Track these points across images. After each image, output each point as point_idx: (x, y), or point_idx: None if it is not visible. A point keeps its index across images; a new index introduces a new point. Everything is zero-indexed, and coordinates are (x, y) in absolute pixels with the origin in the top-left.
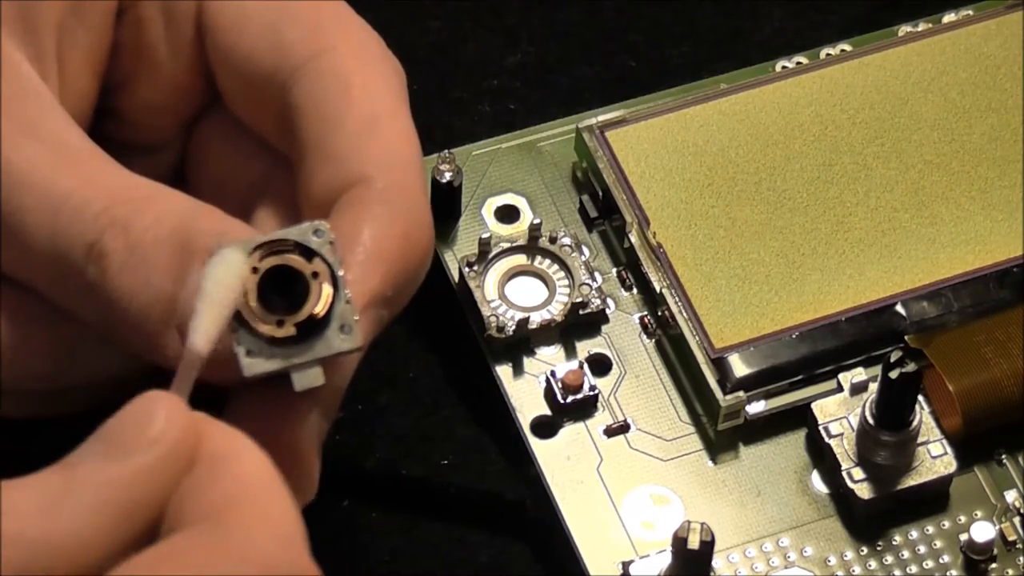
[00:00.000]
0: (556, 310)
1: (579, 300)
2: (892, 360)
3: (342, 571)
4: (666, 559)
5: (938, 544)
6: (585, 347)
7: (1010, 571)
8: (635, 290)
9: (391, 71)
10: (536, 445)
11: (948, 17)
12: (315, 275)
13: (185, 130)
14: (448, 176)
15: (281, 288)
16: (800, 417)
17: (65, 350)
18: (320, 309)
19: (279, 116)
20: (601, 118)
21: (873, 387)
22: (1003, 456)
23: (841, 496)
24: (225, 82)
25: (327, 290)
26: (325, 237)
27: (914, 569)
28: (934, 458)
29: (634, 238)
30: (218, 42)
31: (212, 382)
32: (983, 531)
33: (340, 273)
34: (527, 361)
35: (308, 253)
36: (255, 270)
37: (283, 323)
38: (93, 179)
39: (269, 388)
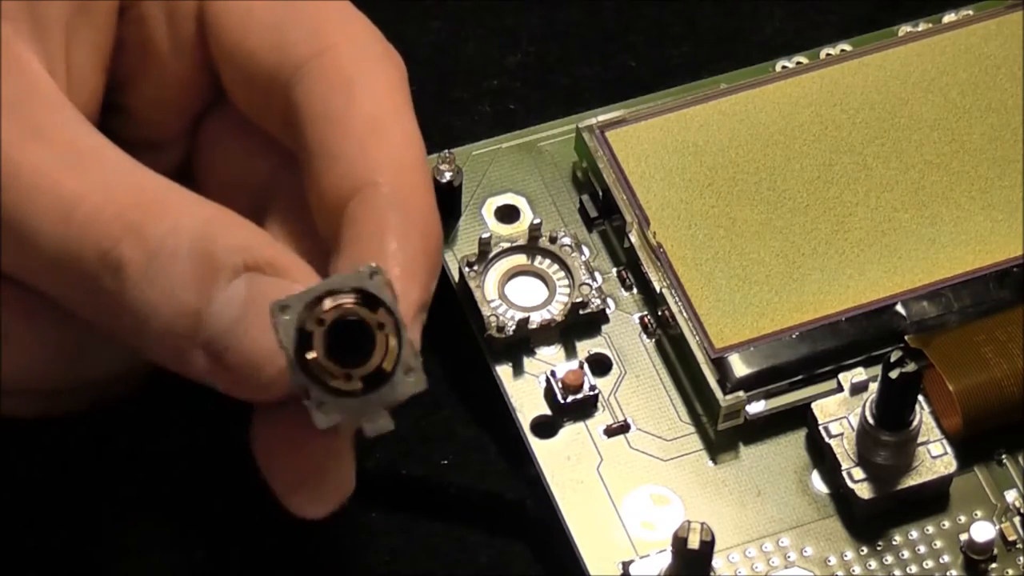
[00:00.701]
0: (556, 310)
1: (579, 300)
2: (892, 360)
3: (342, 571)
4: (666, 559)
5: (938, 544)
6: (585, 347)
7: (1010, 571)
8: (635, 290)
9: (393, 69)
10: (536, 445)
11: (948, 17)
12: (380, 326)
13: (191, 127)
14: (448, 176)
15: (345, 337)
16: (800, 417)
17: (70, 349)
18: (388, 364)
19: (283, 114)
20: (601, 118)
21: (873, 387)
22: (1003, 456)
23: (841, 496)
24: (229, 80)
25: (393, 343)
26: (382, 278)
27: (914, 569)
28: (934, 458)
29: (634, 238)
30: (222, 41)
31: (254, 402)
32: (983, 531)
33: (400, 317)
34: (527, 361)
35: (371, 301)
36: (321, 322)
37: (351, 376)
38: (104, 182)
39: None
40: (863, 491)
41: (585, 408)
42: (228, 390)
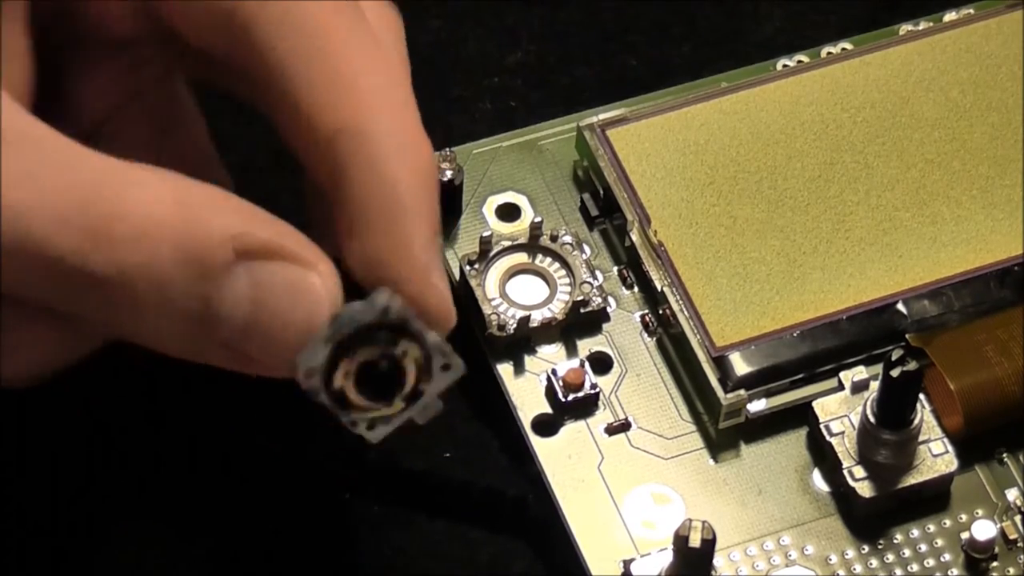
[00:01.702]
0: (557, 308)
1: (580, 298)
2: (893, 359)
3: (342, 568)
4: (667, 557)
5: (939, 543)
6: (586, 345)
7: (1011, 570)
8: (636, 288)
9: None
10: (537, 443)
11: (949, 16)
12: (405, 354)
13: (151, 20)
14: (449, 175)
15: (373, 372)
16: (801, 416)
17: (72, 343)
18: (425, 384)
19: (228, 29)
20: (602, 116)
21: (874, 386)
22: (1004, 455)
23: (842, 495)
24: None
25: (419, 355)
26: (396, 303)
27: (915, 568)
28: (935, 457)
29: (635, 236)
30: None
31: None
32: (984, 530)
33: (424, 333)
34: (528, 359)
35: (390, 329)
36: (348, 374)
37: (392, 402)
38: (49, 185)
39: None
40: (864, 490)
41: (586, 406)
42: (258, 375)
